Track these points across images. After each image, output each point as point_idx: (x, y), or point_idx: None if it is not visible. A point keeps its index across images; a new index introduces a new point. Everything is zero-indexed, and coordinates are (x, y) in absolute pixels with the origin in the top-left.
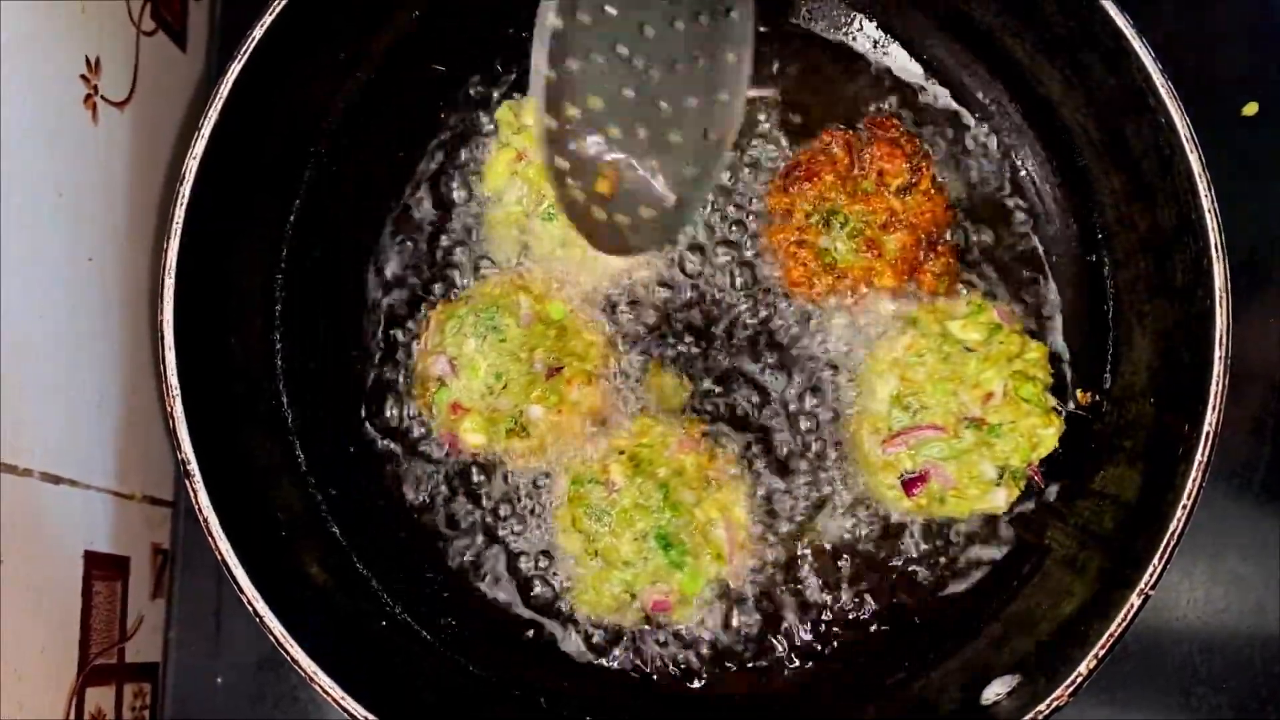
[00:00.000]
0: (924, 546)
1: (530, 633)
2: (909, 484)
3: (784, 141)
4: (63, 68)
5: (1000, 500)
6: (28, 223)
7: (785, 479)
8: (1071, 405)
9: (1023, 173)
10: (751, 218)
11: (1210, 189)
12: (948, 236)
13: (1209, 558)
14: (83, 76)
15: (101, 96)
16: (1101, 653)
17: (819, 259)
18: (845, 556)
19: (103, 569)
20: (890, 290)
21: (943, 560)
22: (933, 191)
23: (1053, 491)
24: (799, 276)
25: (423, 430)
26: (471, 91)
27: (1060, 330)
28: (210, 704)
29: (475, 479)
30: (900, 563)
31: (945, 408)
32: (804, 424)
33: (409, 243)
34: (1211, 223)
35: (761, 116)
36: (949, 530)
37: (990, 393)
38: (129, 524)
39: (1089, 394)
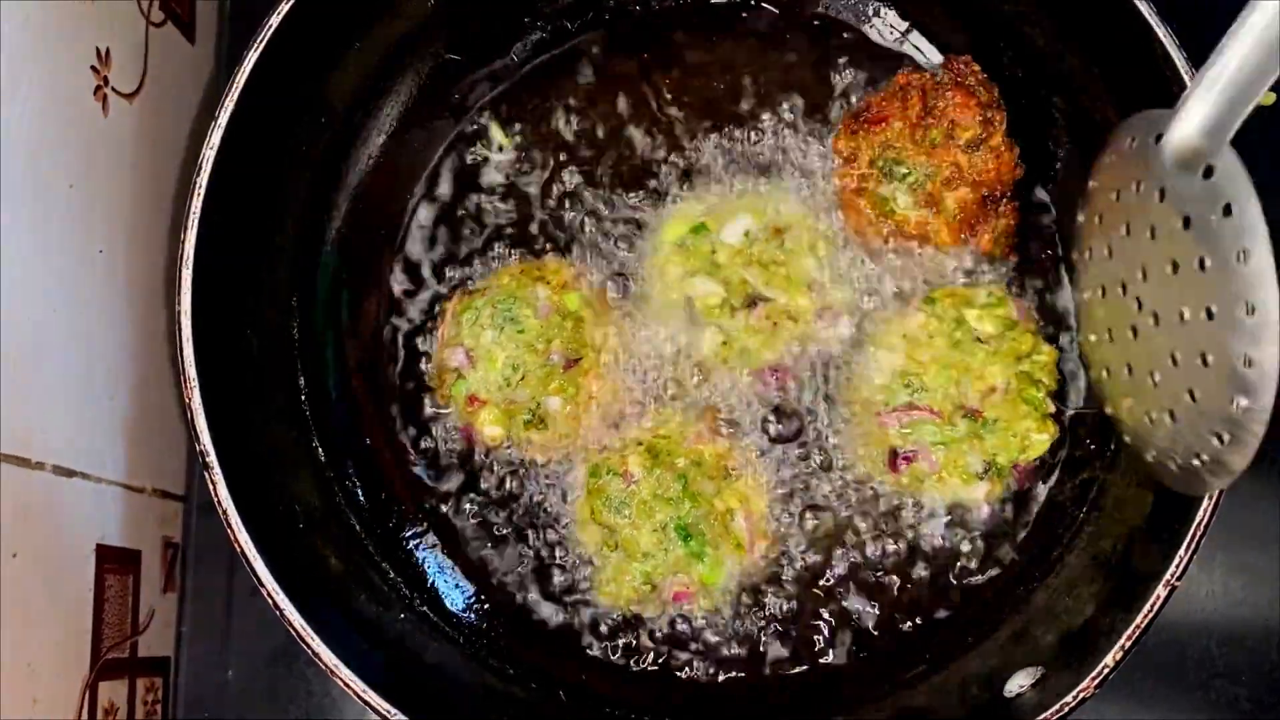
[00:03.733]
0: (945, 537)
1: (549, 625)
2: (894, 460)
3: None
4: (73, 59)
5: (979, 494)
6: (39, 215)
7: (805, 464)
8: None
9: (1047, 159)
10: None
11: None
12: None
13: (1227, 550)
14: (93, 68)
15: (112, 88)
16: (1128, 645)
17: (877, 208)
18: (865, 547)
19: (114, 563)
20: (946, 248)
21: (964, 551)
22: (1002, 149)
23: (1074, 482)
24: (856, 224)
25: (441, 421)
26: (486, 79)
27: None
28: (222, 698)
29: (493, 470)
30: (922, 554)
31: (945, 393)
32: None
33: (428, 231)
34: None
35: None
36: (970, 521)
37: (993, 387)
38: (140, 518)
39: None
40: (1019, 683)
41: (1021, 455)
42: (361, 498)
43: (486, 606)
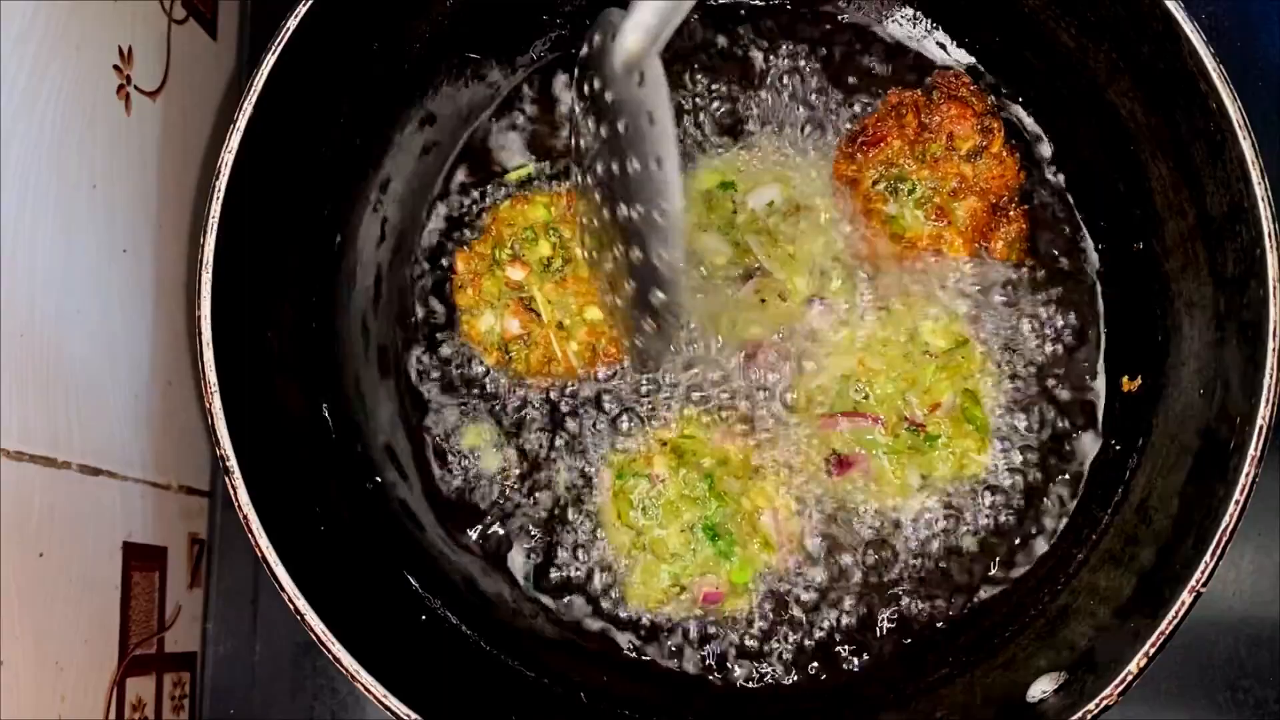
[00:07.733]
0: (969, 541)
1: (572, 627)
2: (836, 465)
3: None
4: (96, 58)
5: (915, 506)
6: (64, 216)
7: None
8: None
9: (1069, 159)
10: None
11: (1264, 176)
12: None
13: (1256, 550)
14: (115, 67)
15: (135, 87)
16: (1152, 651)
17: (886, 227)
18: (891, 550)
19: (141, 560)
20: (961, 258)
21: (987, 555)
22: (1004, 154)
23: (1099, 486)
24: (869, 251)
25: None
26: (506, 78)
27: (1103, 319)
28: (248, 692)
29: (518, 471)
30: (946, 557)
31: (892, 404)
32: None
33: (449, 228)
34: (1265, 210)
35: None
36: (994, 524)
37: (938, 403)
38: (166, 514)
39: (1135, 381)
40: (1042, 688)
41: (959, 474)
42: (383, 501)
43: (508, 609)
